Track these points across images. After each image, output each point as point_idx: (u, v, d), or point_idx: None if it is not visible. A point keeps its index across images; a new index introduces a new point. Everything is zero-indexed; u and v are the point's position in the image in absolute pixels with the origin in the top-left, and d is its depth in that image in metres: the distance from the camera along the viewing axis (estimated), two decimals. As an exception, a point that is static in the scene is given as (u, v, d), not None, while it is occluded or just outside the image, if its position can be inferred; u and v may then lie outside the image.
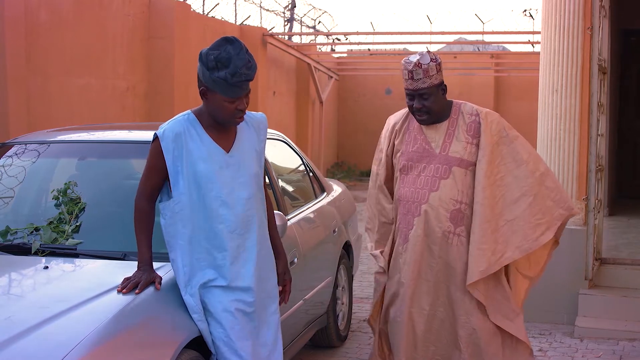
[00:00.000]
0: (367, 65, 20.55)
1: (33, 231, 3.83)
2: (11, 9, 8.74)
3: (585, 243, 6.30)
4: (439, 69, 3.95)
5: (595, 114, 6.24)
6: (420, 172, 4.00)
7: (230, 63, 3.18)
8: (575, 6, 6.36)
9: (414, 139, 4.08)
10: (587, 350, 5.72)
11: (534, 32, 16.53)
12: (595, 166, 6.30)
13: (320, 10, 20.62)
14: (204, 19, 14.26)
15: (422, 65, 3.91)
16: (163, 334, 3.13)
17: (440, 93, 3.97)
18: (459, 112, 4.03)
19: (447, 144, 3.98)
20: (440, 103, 3.99)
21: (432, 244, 3.96)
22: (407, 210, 4.02)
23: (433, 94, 3.94)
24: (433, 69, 3.92)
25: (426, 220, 3.95)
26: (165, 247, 3.45)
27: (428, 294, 3.98)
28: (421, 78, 3.91)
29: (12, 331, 2.80)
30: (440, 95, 3.98)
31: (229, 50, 3.20)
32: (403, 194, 4.04)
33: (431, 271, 3.98)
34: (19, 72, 8.92)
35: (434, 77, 3.92)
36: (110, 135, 4.83)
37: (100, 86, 10.78)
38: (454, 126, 4.00)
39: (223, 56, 3.18)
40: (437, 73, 3.94)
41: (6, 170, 4.29)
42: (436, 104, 3.96)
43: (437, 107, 3.97)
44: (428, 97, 3.93)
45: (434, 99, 3.95)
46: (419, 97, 3.94)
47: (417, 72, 3.92)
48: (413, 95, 3.97)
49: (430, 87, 3.92)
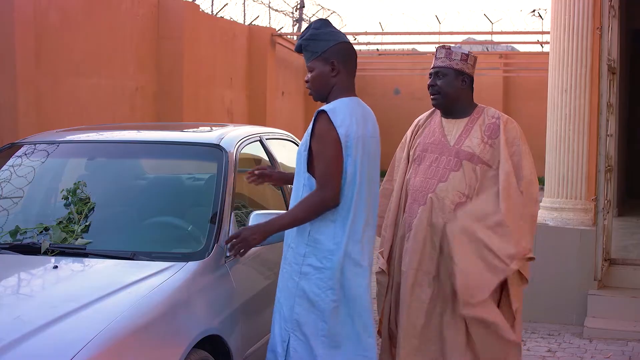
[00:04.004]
0: (375, 65, 20.56)
1: (43, 231, 3.84)
2: (21, 10, 8.78)
3: (595, 243, 6.28)
4: (466, 60, 3.99)
5: (604, 114, 6.22)
6: (432, 162, 4.01)
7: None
8: (585, 6, 6.35)
9: (432, 131, 4.11)
10: (596, 350, 5.70)
11: (543, 32, 16.52)
12: (604, 166, 6.28)
13: (329, 11, 20.65)
14: (212, 19, 14.29)
15: (447, 47, 4.01)
16: (172, 333, 3.13)
17: (458, 80, 3.98)
18: (482, 113, 4.04)
19: (463, 138, 3.99)
20: (456, 90, 3.98)
21: (434, 235, 3.94)
22: (413, 200, 4.02)
23: (449, 76, 3.97)
24: (457, 55, 3.98)
25: (431, 209, 3.94)
26: (174, 247, 3.47)
27: (429, 286, 3.96)
28: (442, 57, 4.00)
29: (22, 330, 2.81)
30: (458, 83, 3.98)
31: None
32: (413, 184, 4.04)
33: (432, 263, 3.95)
34: (28, 72, 8.95)
35: (455, 62, 3.97)
36: (119, 135, 4.84)
37: (110, 86, 10.81)
38: (474, 124, 4.01)
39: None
40: (461, 61, 3.98)
41: (16, 170, 4.30)
42: (450, 87, 3.97)
43: (451, 90, 3.98)
44: (443, 77, 3.98)
45: (448, 81, 3.97)
46: (435, 76, 4.01)
47: (440, 52, 4.02)
48: (431, 74, 4.03)
49: (447, 67, 3.97)
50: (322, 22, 3.61)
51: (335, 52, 3.52)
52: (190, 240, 3.82)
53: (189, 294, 3.36)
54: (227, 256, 3.70)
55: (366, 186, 3.50)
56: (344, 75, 3.56)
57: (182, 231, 3.94)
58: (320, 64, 3.54)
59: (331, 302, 3.41)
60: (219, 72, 13.02)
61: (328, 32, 3.55)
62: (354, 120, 3.45)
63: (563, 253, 6.40)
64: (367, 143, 3.50)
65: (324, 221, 3.43)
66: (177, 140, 4.60)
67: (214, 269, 3.61)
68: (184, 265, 3.49)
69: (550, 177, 6.61)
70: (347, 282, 3.44)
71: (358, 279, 3.47)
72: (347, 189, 3.43)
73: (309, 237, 3.46)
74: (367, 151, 3.51)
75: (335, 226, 3.43)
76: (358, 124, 3.46)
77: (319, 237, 3.44)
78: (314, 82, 3.59)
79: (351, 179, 3.43)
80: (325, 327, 3.42)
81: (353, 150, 3.42)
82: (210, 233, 3.73)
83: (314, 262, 3.43)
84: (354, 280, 3.46)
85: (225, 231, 3.78)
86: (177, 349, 3.06)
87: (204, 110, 12.92)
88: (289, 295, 3.48)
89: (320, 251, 3.43)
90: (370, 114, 3.64)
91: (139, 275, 3.40)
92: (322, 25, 3.58)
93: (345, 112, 3.44)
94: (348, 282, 3.44)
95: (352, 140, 3.41)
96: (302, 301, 3.44)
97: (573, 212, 6.51)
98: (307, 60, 3.59)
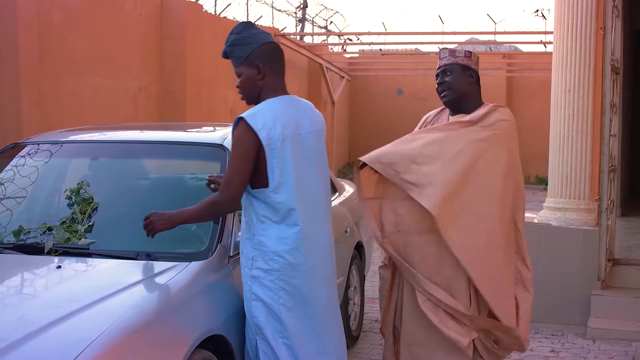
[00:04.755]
0: (378, 65, 20.55)
1: (46, 231, 3.84)
2: (24, 10, 8.78)
3: (598, 244, 6.28)
4: (470, 57, 4.02)
5: (607, 114, 6.22)
6: None
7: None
8: (588, 6, 6.35)
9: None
10: (599, 351, 5.70)
11: (546, 32, 16.49)
12: (607, 167, 6.28)
13: (332, 11, 20.65)
14: (215, 19, 14.29)
15: (450, 48, 4.06)
16: (176, 333, 3.13)
17: (466, 75, 4.00)
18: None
19: None
20: (464, 84, 4.00)
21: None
22: None
23: (455, 72, 3.99)
24: (461, 53, 4.02)
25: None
26: (177, 247, 3.45)
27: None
28: (446, 56, 4.03)
29: (25, 330, 2.81)
30: (466, 77, 4.00)
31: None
32: None
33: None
34: (31, 72, 8.95)
35: (460, 59, 4.00)
36: (122, 135, 4.85)
37: (113, 86, 10.81)
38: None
39: None
40: (465, 57, 4.01)
41: (19, 170, 4.31)
42: (459, 82, 3.99)
43: (460, 85, 3.99)
44: (450, 73, 4.00)
45: (456, 76, 3.99)
46: (442, 74, 4.03)
47: (443, 52, 4.06)
48: (438, 74, 4.06)
49: (452, 64, 4.00)
50: (244, 25, 3.62)
51: (259, 55, 3.53)
52: (193, 240, 3.82)
53: (192, 294, 3.36)
54: (231, 256, 3.71)
55: (307, 183, 3.52)
56: (271, 76, 3.57)
57: (185, 231, 3.94)
58: (246, 69, 3.55)
59: (284, 303, 3.45)
60: (222, 72, 13.00)
61: (250, 35, 3.56)
62: (279, 121, 3.46)
63: (566, 253, 6.39)
64: (300, 140, 3.52)
65: (267, 223, 3.46)
66: (180, 140, 4.60)
67: (217, 268, 3.61)
68: (187, 265, 3.49)
69: (554, 177, 6.61)
70: (300, 282, 3.47)
71: (309, 278, 3.49)
72: (282, 189, 3.44)
73: (255, 240, 3.48)
74: (304, 147, 3.54)
75: (279, 227, 3.45)
76: (284, 124, 3.47)
77: (263, 239, 3.46)
78: (242, 87, 3.60)
79: (283, 180, 3.44)
80: (283, 329, 3.45)
81: (278, 152, 3.43)
82: (213, 233, 3.74)
83: (262, 265, 3.46)
84: (306, 280, 3.48)
85: (229, 231, 3.79)
86: (181, 349, 3.06)
87: (207, 110, 12.91)
88: (247, 300, 3.51)
89: (266, 253, 3.45)
90: (306, 108, 3.67)
91: (142, 275, 3.41)
92: (244, 29, 3.59)
93: (267, 115, 3.45)
94: (300, 282, 3.47)
95: (276, 142, 3.42)
96: (258, 305, 3.47)
97: (576, 212, 6.51)
98: (234, 66, 3.60)
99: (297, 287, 3.46)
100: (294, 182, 3.46)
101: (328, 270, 3.62)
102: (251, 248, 3.48)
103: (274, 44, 3.60)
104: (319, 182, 3.63)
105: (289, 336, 3.45)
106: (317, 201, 3.60)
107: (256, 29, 3.61)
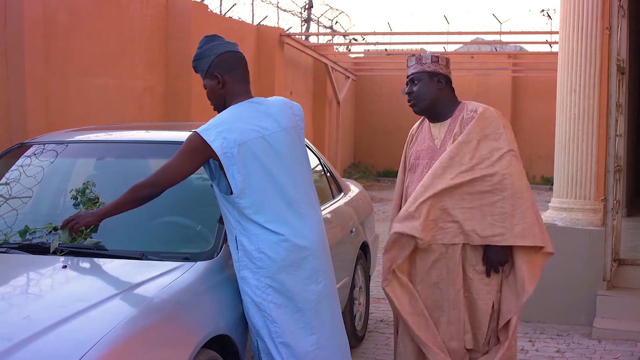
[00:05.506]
0: (384, 65, 20.55)
1: (52, 231, 3.84)
2: (30, 10, 8.80)
3: (604, 244, 6.27)
4: (437, 62, 4.04)
5: (613, 114, 6.21)
6: (424, 168, 4.06)
7: None
8: (594, 6, 6.33)
9: (423, 138, 4.16)
10: (605, 351, 5.69)
11: (552, 32, 16.47)
12: (613, 167, 6.27)
13: (338, 11, 20.65)
14: (221, 19, 14.30)
15: (417, 55, 4.09)
16: (181, 333, 3.13)
17: (434, 81, 4.03)
18: (463, 109, 4.06)
19: (447, 139, 4.03)
20: (432, 91, 4.03)
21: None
22: None
23: (423, 80, 4.03)
24: (427, 59, 4.04)
25: None
26: (183, 247, 3.45)
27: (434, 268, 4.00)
28: (413, 64, 4.08)
29: (31, 330, 2.81)
30: (434, 84, 4.03)
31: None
32: (409, 193, 4.07)
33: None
34: (37, 72, 8.98)
35: (427, 65, 4.04)
36: (128, 135, 4.85)
37: (118, 87, 10.83)
38: (455, 122, 4.03)
39: None
40: (432, 63, 4.03)
41: (25, 170, 4.31)
42: (425, 90, 4.03)
43: (427, 93, 4.03)
44: (418, 81, 4.05)
45: (423, 84, 4.03)
46: (411, 84, 4.09)
47: (410, 60, 4.11)
48: (407, 84, 4.11)
49: (419, 72, 4.04)
50: (205, 39, 3.74)
51: (217, 65, 3.65)
52: (199, 240, 3.82)
53: (197, 294, 3.36)
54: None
55: (282, 181, 3.56)
56: (231, 84, 3.66)
57: (191, 231, 3.95)
58: (208, 80, 3.70)
59: (273, 300, 3.47)
60: (227, 73, 13.03)
61: (209, 47, 3.68)
62: (235, 128, 3.49)
63: (572, 253, 6.38)
64: (266, 142, 3.55)
65: (243, 224, 3.50)
66: (186, 141, 4.60)
67: (222, 268, 3.61)
68: (192, 265, 3.50)
69: (559, 178, 6.60)
70: (285, 277, 3.49)
71: (294, 272, 3.51)
72: (247, 193, 3.47)
73: (237, 241, 3.52)
74: (273, 147, 3.57)
75: (255, 226, 3.48)
76: (242, 130, 3.50)
77: (243, 239, 3.51)
78: (209, 98, 3.76)
79: (246, 184, 3.47)
80: (277, 329, 3.47)
81: (237, 158, 3.45)
82: (219, 233, 3.74)
83: (249, 265, 3.50)
84: (291, 274, 3.50)
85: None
86: (186, 349, 3.06)
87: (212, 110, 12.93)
88: (243, 302, 3.55)
89: (249, 252, 3.49)
90: (272, 108, 3.70)
91: (148, 275, 3.40)
92: (205, 43, 3.72)
93: (222, 126, 3.50)
94: (285, 277, 3.49)
95: (232, 149, 3.45)
96: (251, 306, 3.50)
97: (582, 213, 6.49)
98: (202, 79, 3.73)
99: (283, 282, 3.48)
100: (260, 185, 3.49)
101: (318, 263, 3.62)
102: (235, 250, 3.53)
103: (231, 52, 3.68)
104: (298, 178, 3.66)
105: (284, 334, 3.47)
106: (298, 197, 3.61)
107: (217, 41, 3.70)
